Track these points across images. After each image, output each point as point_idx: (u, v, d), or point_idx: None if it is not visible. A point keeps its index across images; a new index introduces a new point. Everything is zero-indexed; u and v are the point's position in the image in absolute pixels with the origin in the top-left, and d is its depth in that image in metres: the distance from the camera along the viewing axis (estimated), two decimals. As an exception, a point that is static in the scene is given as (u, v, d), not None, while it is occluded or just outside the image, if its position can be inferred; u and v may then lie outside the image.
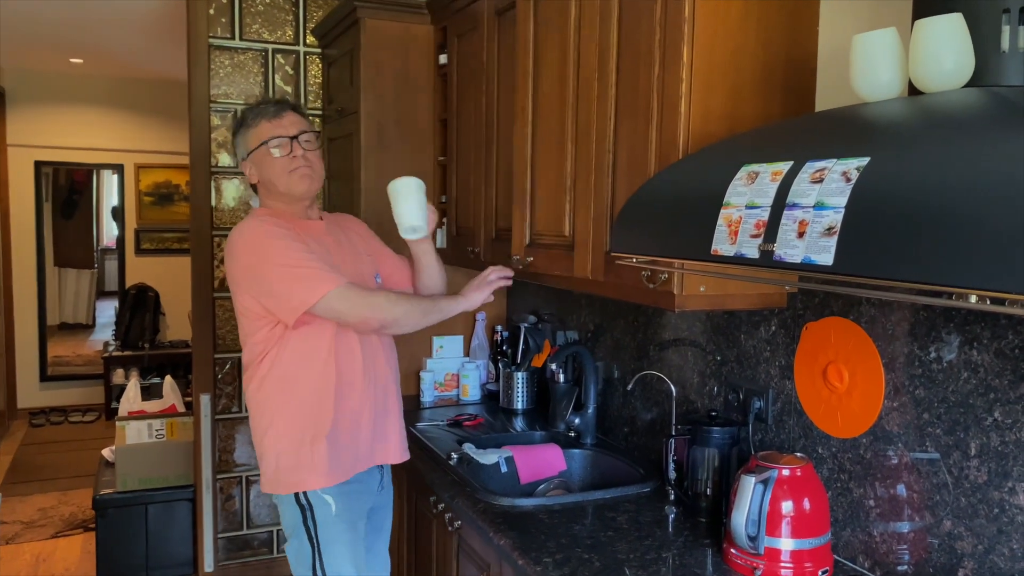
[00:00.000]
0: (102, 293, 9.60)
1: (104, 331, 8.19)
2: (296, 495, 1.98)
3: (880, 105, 1.22)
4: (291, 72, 3.56)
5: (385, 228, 2.32)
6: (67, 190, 8.89)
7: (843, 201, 1.05)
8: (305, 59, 3.57)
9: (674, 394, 2.17)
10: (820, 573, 1.58)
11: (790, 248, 1.12)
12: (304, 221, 2.08)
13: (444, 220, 2.98)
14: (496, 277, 2.14)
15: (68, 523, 4.32)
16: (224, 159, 3.50)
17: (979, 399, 1.40)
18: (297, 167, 2.02)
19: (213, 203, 3.50)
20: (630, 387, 2.34)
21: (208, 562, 3.60)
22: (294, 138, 2.02)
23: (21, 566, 3.82)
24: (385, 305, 1.96)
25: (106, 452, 3.93)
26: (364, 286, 1.99)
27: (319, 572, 1.97)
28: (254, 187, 2.12)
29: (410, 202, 2.08)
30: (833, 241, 1.05)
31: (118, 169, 6.91)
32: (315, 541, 1.97)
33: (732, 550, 1.63)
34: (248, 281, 1.95)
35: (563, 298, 2.83)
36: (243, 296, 1.97)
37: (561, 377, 2.63)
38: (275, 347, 1.97)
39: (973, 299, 0.92)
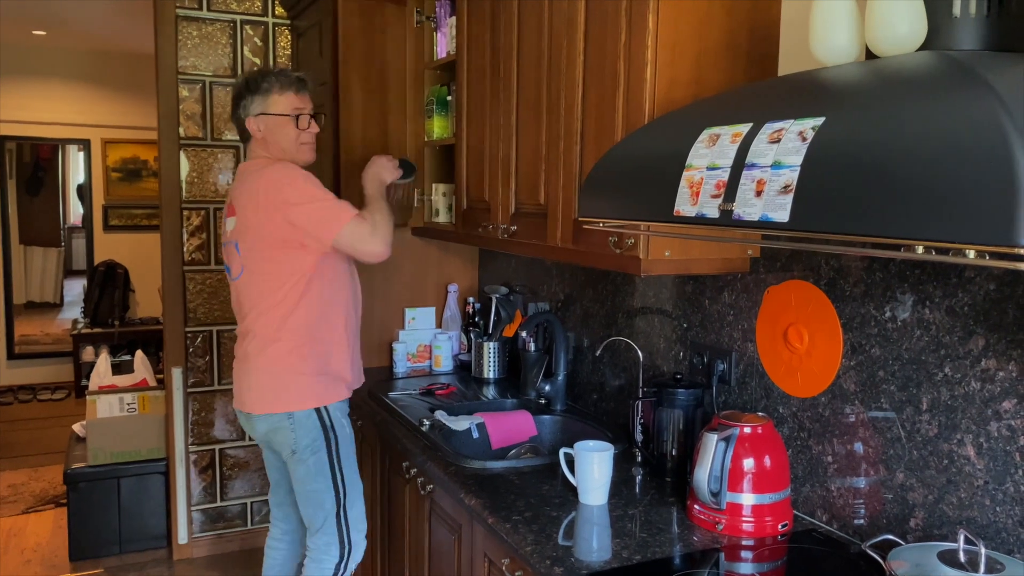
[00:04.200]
0: (69, 272, 9.47)
1: (71, 310, 8.10)
2: (320, 418, 2.26)
3: (837, 69, 1.26)
4: (260, 43, 3.53)
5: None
6: (32, 167, 8.73)
7: (799, 160, 1.09)
8: (274, 30, 3.54)
9: (641, 359, 2.22)
10: (780, 527, 1.63)
11: (748, 207, 1.16)
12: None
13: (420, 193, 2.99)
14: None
15: (39, 499, 4.31)
16: (192, 131, 3.48)
17: (931, 356, 1.45)
18: (307, 141, 2.35)
19: (182, 176, 3.48)
20: (598, 353, 2.38)
21: (182, 535, 3.61)
22: (313, 116, 2.35)
23: (-8, 541, 3.81)
24: (380, 233, 2.24)
25: (77, 427, 3.92)
26: (362, 217, 2.24)
27: (340, 483, 2.28)
28: (243, 138, 2.37)
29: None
30: (789, 199, 1.09)
31: (84, 144, 6.81)
32: (336, 457, 2.28)
33: (696, 506, 1.68)
34: (290, 210, 2.17)
35: (534, 269, 2.86)
36: (281, 226, 2.18)
37: (532, 346, 2.67)
38: (314, 273, 2.24)
39: (919, 250, 0.96)
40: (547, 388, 2.50)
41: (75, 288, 8.54)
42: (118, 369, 4.58)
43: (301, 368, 2.25)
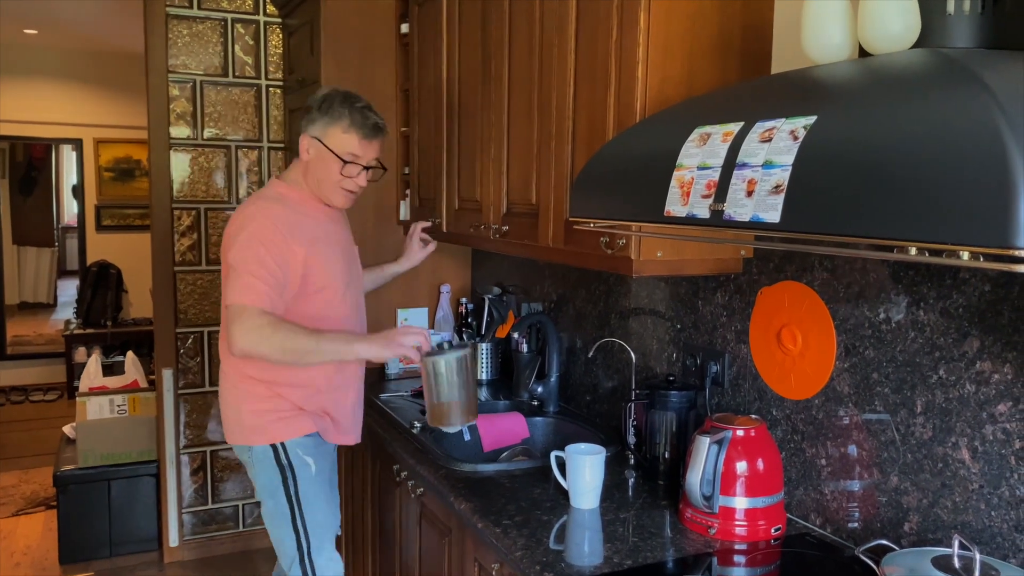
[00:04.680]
0: (63, 272, 9.43)
1: (65, 310, 8.06)
2: (276, 455, 2.07)
3: (830, 67, 1.24)
4: (251, 42, 3.51)
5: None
6: (25, 167, 8.69)
7: (790, 159, 1.07)
8: (265, 29, 3.52)
9: (634, 361, 2.20)
10: (773, 531, 1.61)
11: (739, 207, 1.14)
12: (319, 203, 2.16)
13: (407, 192, 2.97)
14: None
15: (30, 501, 4.27)
16: (183, 130, 3.45)
17: (925, 358, 1.43)
18: (350, 189, 2.12)
19: (173, 175, 3.45)
20: (591, 355, 2.36)
21: (173, 537, 3.59)
22: (365, 168, 2.12)
23: (-19, 544, 3.78)
24: (258, 339, 1.91)
25: (67, 429, 3.89)
26: (270, 315, 1.93)
27: (300, 528, 2.09)
28: (296, 155, 2.15)
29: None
30: (780, 199, 1.07)
31: (77, 144, 6.77)
32: (295, 500, 2.08)
33: (688, 510, 1.66)
34: (228, 262, 2.00)
35: (527, 269, 2.84)
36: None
37: (524, 347, 2.65)
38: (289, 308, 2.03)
39: (913, 251, 0.94)
40: (539, 390, 2.48)
41: (69, 288, 8.50)
42: (110, 370, 4.55)
43: (254, 403, 2.08)
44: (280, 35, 3.54)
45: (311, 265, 2.04)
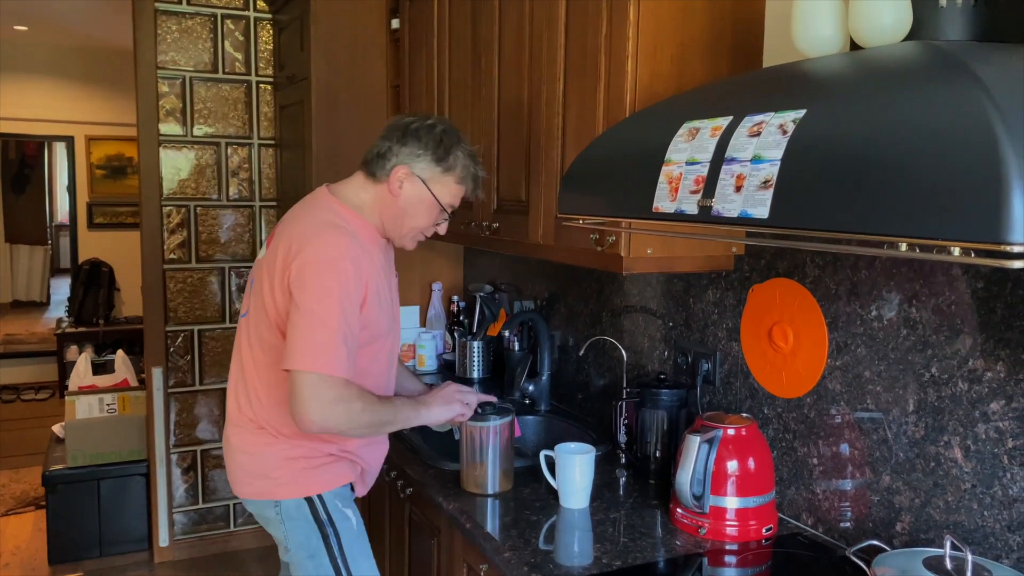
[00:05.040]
0: (57, 270, 9.40)
1: (59, 309, 8.03)
2: (313, 509, 1.78)
3: (820, 60, 1.22)
4: (241, 38, 3.48)
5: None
6: (18, 164, 8.65)
7: (779, 154, 1.05)
8: (255, 25, 3.49)
9: (625, 359, 2.18)
10: (764, 531, 1.60)
11: (728, 203, 1.12)
12: (378, 236, 1.85)
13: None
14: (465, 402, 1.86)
15: (19, 501, 4.24)
16: (173, 127, 3.42)
17: (917, 355, 1.41)
18: (427, 235, 1.89)
19: (162, 172, 3.42)
20: (581, 353, 2.34)
21: (163, 537, 3.56)
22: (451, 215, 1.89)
23: (-30, 545, 3.75)
24: (344, 416, 1.64)
25: (56, 428, 3.85)
26: (353, 386, 1.66)
27: None
28: (371, 169, 1.80)
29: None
30: (769, 194, 1.05)
31: (68, 141, 6.74)
32: (340, 559, 1.78)
33: (679, 510, 1.64)
34: (294, 301, 1.67)
35: (519, 267, 2.82)
36: (283, 302, 1.74)
37: (516, 345, 2.63)
38: None
39: (903, 247, 0.92)
40: (531, 388, 2.46)
41: (62, 287, 8.46)
42: (102, 369, 4.51)
43: (282, 450, 1.78)
44: (270, 31, 3.51)
45: (369, 319, 1.76)
